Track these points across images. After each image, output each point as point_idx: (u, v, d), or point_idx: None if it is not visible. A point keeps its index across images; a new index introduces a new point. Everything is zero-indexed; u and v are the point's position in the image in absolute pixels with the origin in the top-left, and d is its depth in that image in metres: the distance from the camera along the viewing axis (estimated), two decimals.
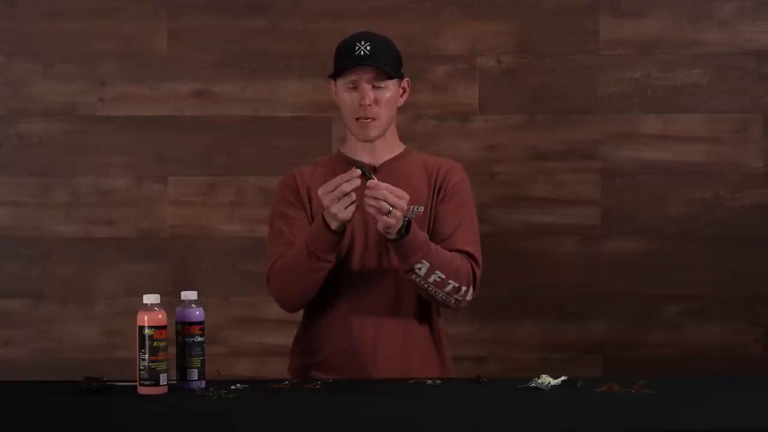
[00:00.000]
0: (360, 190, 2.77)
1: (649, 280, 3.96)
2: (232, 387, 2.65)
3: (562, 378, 2.67)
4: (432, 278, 2.85)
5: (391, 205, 2.73)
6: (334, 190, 2.76)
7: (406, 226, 2.80)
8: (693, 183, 3.96)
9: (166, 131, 3.97)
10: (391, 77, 2.94)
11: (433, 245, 2.86)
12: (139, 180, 3.98)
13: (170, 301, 2.81)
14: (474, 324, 3.93)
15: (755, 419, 2.32)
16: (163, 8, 3.96)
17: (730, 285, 3.96)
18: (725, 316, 3.96)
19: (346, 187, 2.75)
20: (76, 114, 3.97)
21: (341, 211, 2.76)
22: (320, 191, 2.78)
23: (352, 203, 2.77)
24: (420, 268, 2.83)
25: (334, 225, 2.80)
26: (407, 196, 2.77)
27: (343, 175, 2.77)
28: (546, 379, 2.64)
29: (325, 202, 2.77)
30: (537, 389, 2.62)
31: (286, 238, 2.95)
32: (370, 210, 2.75)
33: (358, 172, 2.77)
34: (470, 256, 2.93)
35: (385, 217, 2.74)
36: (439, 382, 2.74)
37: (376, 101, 2.93)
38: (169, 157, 3.97)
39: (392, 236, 2.79)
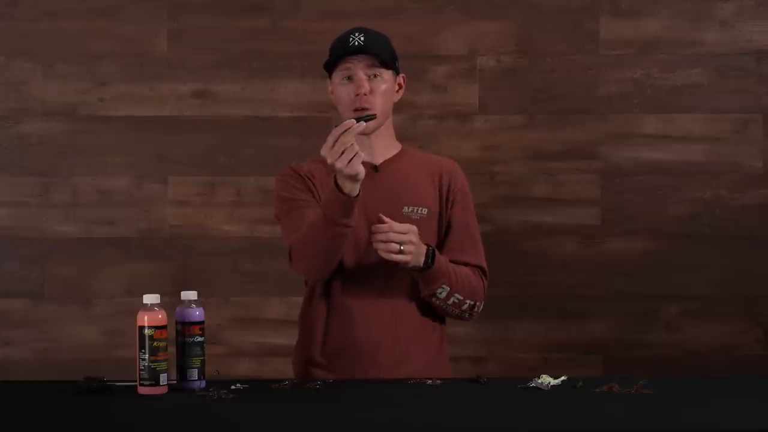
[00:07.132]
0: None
1: (649, 280, 3.96)
2: (232, 387, 2.65)
3: (562, 378, 2.67)
4: (451, 300, 2.91)
5: (399, 243, 2.77)
6: (334, 145, 2.69)
7: (431, 256, 2.84)
8: (693, 183, 3.96)
9: (166, 131, 3.97)
10: (386, 66, 2.93)
11: (452, 268, 2.90)
12: (139, 180, 3.98)
13: (170, 301, 2.81)
14: (473, 324, 3.92)
15: (755, 419, 2.32)
16: (163, 8, 3.96)
17: (730, 285, 3.96)
18: (725, 316, 3.96)
19: (346, 138, 2.69)
20: (76, 114, 3.97)
21: (345, 165, 2.68)
22: (323, 151, 2.70)
23: (355, 155, 2.68)
24: (441, 293, 2.89)
25: (347, 187, 2.72)
26: (414, 228, 2.79)
27: (336, 128, 2.71)
28: (546, 379, 2.64)
29: (330, 160, 2.69)
30: (537, 389, 2.62)
31: (300, 213, 2.91)
32: (382, 254, 2.78)
33: (352, 122, 2.70)
34: (482, 270, 2.98)
35: (398, 255, 2.78)
36: (438, 382, 2.74)
37: (372, 91, 2.91)
38: (169, 157, 3.97)
39: (417, 265, 2.83)
